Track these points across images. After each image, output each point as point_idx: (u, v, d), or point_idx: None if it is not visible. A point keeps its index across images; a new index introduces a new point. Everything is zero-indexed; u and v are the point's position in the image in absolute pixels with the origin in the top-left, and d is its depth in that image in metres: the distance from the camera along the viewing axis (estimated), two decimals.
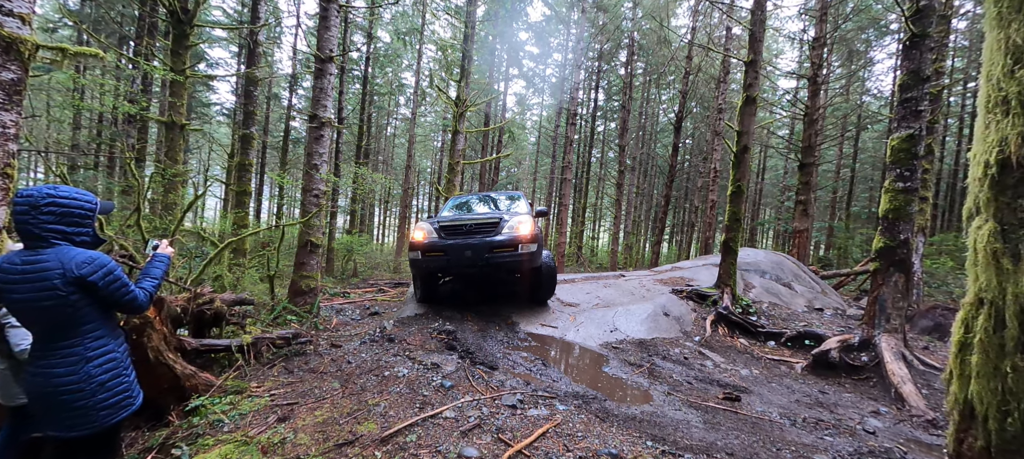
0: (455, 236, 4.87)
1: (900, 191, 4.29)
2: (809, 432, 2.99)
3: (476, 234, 4.87)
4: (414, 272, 5.36)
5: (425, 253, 4.86)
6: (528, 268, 5.05)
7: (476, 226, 4.93)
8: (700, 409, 3.21)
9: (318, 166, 6.06)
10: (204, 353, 3.48)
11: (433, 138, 35.67)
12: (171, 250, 2.06)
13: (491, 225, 4.93)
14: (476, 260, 4.74)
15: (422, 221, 5.30)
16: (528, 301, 5.70)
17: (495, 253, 4.72)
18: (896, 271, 4.30)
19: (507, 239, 4.77)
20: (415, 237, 5.02)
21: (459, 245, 4.75)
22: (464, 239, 4.81)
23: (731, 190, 5.58)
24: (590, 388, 3.42)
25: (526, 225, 4.91)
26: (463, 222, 4.99)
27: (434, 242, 4.86)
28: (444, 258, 4.82)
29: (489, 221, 4.97)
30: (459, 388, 3.15)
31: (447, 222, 5.03)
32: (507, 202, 6.30)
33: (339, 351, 4.13)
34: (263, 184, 20.28)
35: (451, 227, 4.95)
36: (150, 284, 1.86)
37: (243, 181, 9.74)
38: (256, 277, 8.56)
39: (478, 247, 4.73)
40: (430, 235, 4.95)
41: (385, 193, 32.28)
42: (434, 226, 5.01)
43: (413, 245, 4.97)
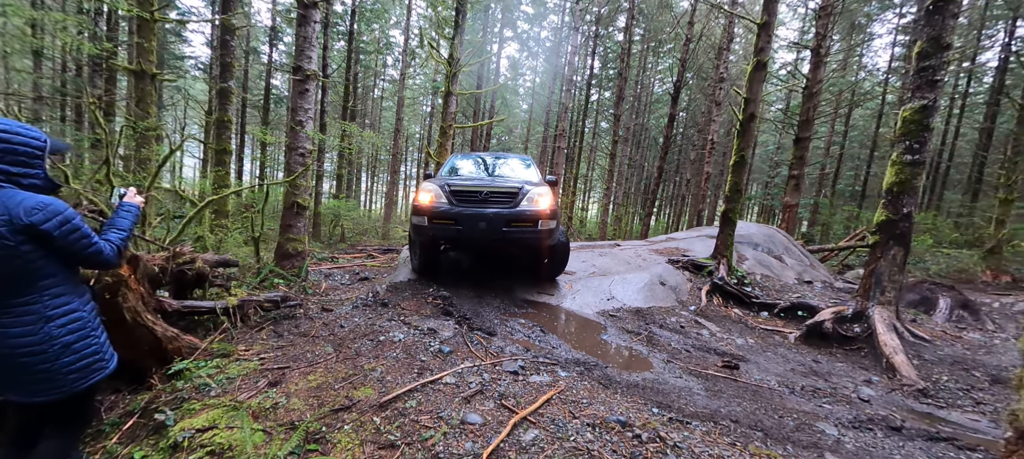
0: (468, 203, 4.29)
1: (908, 164, 4.22)
2: (808, 400, 3.00)
3: (492, 203, 4.30)
4: (415, 238, 4.80)
5: (433, 220, 4.28)
6: (544, 245, 4.61)
7: (492, 194, 4.33)
8: (700, 377, 3.19)
9: (303, 122, 5.71)
10: (187, 315, 3.29)
11: (422, 103, 34.61)
12: (140, 199, 1.84)
13: (509, 195, 4.34)
14: (491, 234, 4.20)
15: (430, 182, 4.69)
16: (536, 278, 5.28)
17: (513, 228, 4.21)
18: (896, 245, 4.29)
19: (526, 213, 4.25)
20: (421, 200, 4.40)
21: (473, 215, 4.20)
22: (478, 208, 4.24)
23: (734, 160, 5.46)
24: (590, 355, 3.37)
25: (546, 199, 4.40)
26: (478, 188, 4.37)
27: (444, 208, 4.27)
28: (454, 228, 4.25)
29: (507, 190, 4.37)
30: (458, 354, 3.05)
31: (459, 185, 4.41)
32: (520, 167, 5.68)
33: (331, 315, 3.99)
34: (244, 144, 19.50)
35: (464, 192, 4.34)
36: (117, 237, 1.65)
37: (223, 139, 9.24)
38: (240, 239, 8.27)
39: (494, 219, 4.19)
40: (439, 199, 4.34)
41: (372, 158, 31.48)
42: (444, 189, 4.38)
43: (418, 208, 4.37)
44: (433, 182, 4.63)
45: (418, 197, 4.49)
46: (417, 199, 4.49)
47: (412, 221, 4.52)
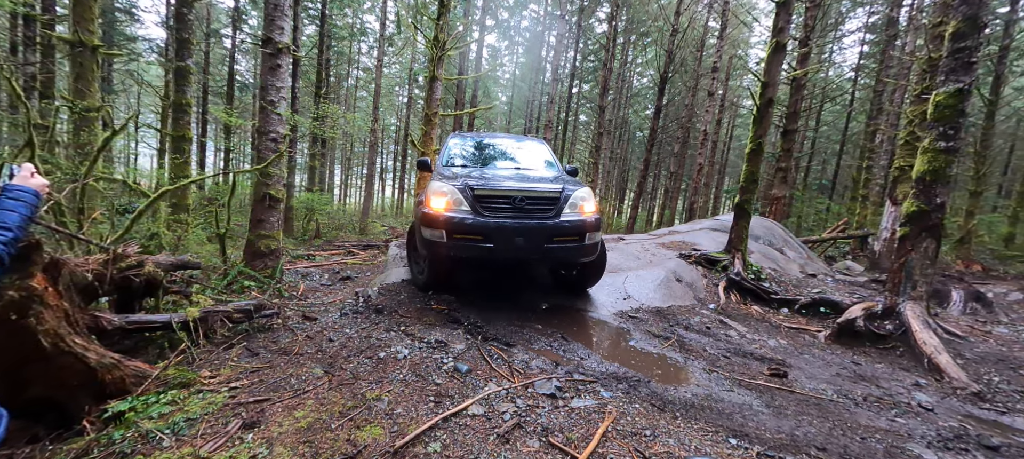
0: (499, 211, 3.31)
1: (942, 151, 3.98)
2: (876, 413, 2.67)
3: (529, 212, 3.34)
4: (424, 253, 3.66)
5: (454, 235, 3.24)
6: (587, 261, 3.79)
7: (529, 200, 3.37)
8: (752, 389, 2.81)
9: (275, 102, 5.00)
10: (133, 333, 2.63)
11: (398, 93, 33.42)
12: (39, 182, 1.24)
13: (549, 201, 3.43)
14: (531, 252, 3.33)
15: (442, 180, 3.58)
16: (567, 291, 4.47)
17: (556, 243, 3.35)
18: (928, 237, 4.06)
19: (572, 224, 3.41)
20: (434, 206, 3.36)
21: (508, 228, 3.25)
22: (514, 219, 3.30)
23: (750, 147, 5.15)
24: (625, 367, 2.93)
25: (591, 203, 3.62)
26: (511, 191, 3.37)
27: (469, 220, 3.27)
28: (483, 246, 3.25)
29: (547, 195, 3.44)
30: (478, 373, 2.54)
31: (486, 188, 3.38)
32: (538, 154, 4.74)
33: (315, 325, 3.38)
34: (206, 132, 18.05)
35: (493, 197, 3.34)
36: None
37: (181, 124, 8.27)
38: (203, 237, 7.41)
39: (535, 233, 3.29)
40: (460, 206, 3.33)
41: (346, 150, 30.16)
42: (465, 192, 3.36)
43: (431, 219, 3.32)
44: (445, 180, 3.54)
45: (430, 202, 3.40)
46: (429, 205, 3.39)
47: (423, 234, 3.44)
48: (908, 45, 15.43)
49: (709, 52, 21.74)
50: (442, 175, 3.83)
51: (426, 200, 3.50)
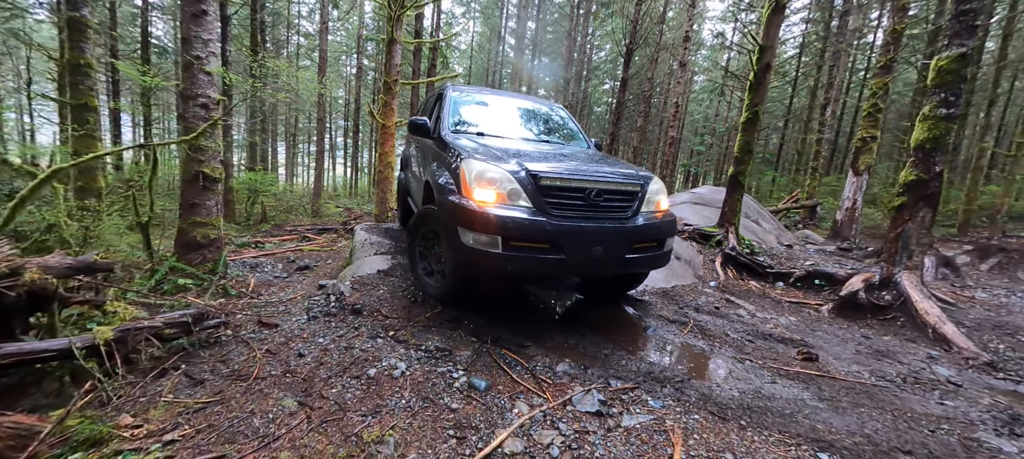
0: (571, 210, 2.50)
1: (942, 118, 3.91)
2: (920, 396, 2.50)
3: (605, 211, 2.59)
4: (460, 264, 2.68)
5: (513, 242, 2.36)
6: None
7: (607, 193, 2.59)
8: (794, 379, 2.56)
9: (203, 58, 4.05)
10: (11, 368, 1.87)
11: (345, 63, 31.00)
12: None
13: (628, 195, 2.68)
14: (610, 265, 2.61)
15: (482, 161, 2.57)
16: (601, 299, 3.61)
17: (637, 253, 2.66)
18: (925, 206, 4.03)
19: (654, 226, 2.74)
20: (480, 197, 2.44)
21: (585, 233, 2.47)
22: (589, 221, 2.52)
23: (745, 116, 4.93)
24: (655, 362, 2.57)
25: (665, 198, 2.95)
26: (586, 182, 2.54)
27: (535, 221, 2.38)
28: (551, 258, 2.41)
29: (627, 188, 2.68)
30: (499, 388, 2.06)
31: (555, 176, 2.52)
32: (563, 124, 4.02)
33: (277, 334, 2.72)
34: (120, 104, 15.59)
35: (564, 188, 2.50)
36: None
37: (81, 90, 6.80)
38: (121, 226, 6.22)
39: (615, 239, 2.55)
40: (516, 200, 2.45)
41: (290, 126, 27.68)
42: (523, 180, 2.47)
43: (476, 217, 2.36)
44: (493, 163, 2.54)
45: (470, 190, 2.46)
46: (469, 194, 2.46)
47: (458, 238, 2.43)
48: (852, 22, 16.18)
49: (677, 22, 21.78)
50: (466, 149, 2.75)
51: (463, 185, 2.48)
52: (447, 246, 2.64)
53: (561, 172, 2.59)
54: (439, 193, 2.69)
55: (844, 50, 15.24)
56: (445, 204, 2.58)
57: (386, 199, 8.48)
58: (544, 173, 2.52)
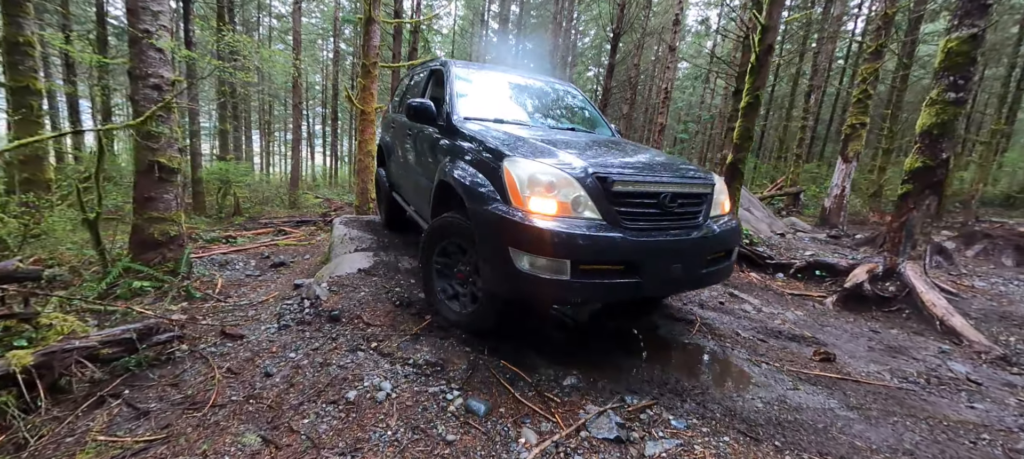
0: (645, 221, 2.06)
1: (950, 103, 3.76)
2: (948, 398, 2.35)
3: (678, 219, 2.18)
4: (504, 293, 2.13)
5: (584, 266, 1.90)
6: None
7: (681, 196, 2.17)
8: (816, 384, 2.37)
9: (152, 32, 3.57)
10: None
11: (321, 47, 29.79)
12: None
13: (699, 198, 2.29)
14: (685, 284, 2.37)
15: (534, 160, 2.06)
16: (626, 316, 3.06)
17: (711, 267, 2.30)
18: (931, 194, 3.91)
19: (728, 233, 2.38)
20: (537, 208, 1.93)
21: (663, 247, 2.05)
22: (667, 233, 2.10)
23: (746, 101, 4.72)
24: (668, 369, 2.34)
25: (727, 198, 2.59)
26: (661, 185, 2.12)
27: (607, 239, 1.92)
28: (627, 282, 1.97)
29: (698, 189, 2.27)
30: (501, 411, 1.79)
31: (629, 178, 2.06)
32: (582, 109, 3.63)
33: (242, 348, 2.38)
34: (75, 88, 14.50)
35: (639, 194, 2.06)
36: None
37: (21, 71, 6.12)
38: (77, 222, 5.67)
39: (693, 251, 2.17)
40: (582, 210, 1.96)
41: (264, 112, 26.51)
42: (591, 185, 1.99)
43: (537, 237, 1.86)
44: (536, 158, 2.07)
45: (526, 199, 1.93)
46: (523, 204, 1.93)
47: (518, 267, 1.89)
48: (835, 9, 16.24)
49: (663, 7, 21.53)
50: (502, 143, 2.21)
51: (512, 191, 1.94)
52: (490, 271, 2.04)
53: (633, 174, 2.08)
54: (472, 200, 2.08)
55: (830, 38, 15.30)
56: (485, 217, 1.99)
57: (367, 189, 8.05)
58: (615, 175, 2.00)
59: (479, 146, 2.31)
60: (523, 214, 1.90)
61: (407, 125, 3.61)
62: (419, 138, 3.25)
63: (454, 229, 2.38)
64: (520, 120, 3.08)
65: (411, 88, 4.16)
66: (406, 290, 3.09)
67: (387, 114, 4.87)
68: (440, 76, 3.35)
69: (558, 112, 3.51)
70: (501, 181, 2.02)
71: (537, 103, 3.47)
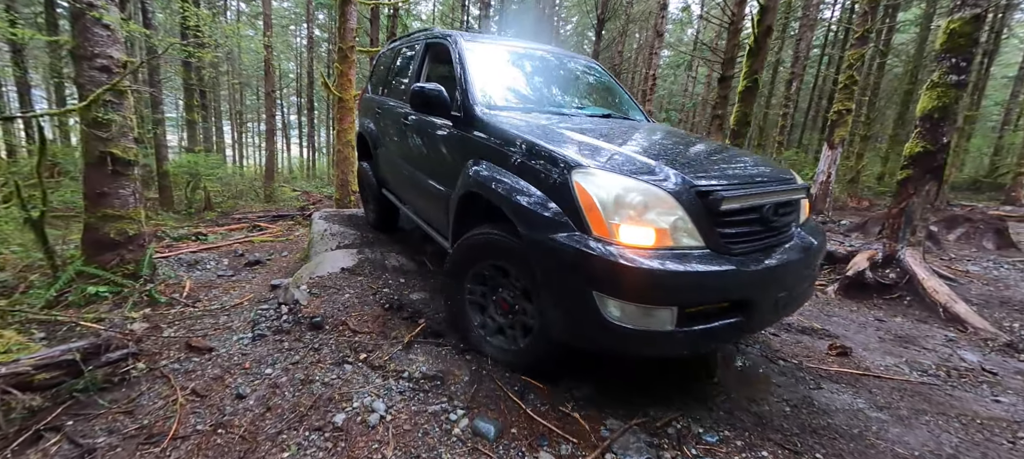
0: (747, 241, 1.66)
1: (952, 86, 3.69)
2: (970, 391, 2.26)
3: (778, 233, 1.81)
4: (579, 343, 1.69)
5: (691, 310, 1.52)
6: None
7: (782, 206, 1.80)
8: (838, 381, 2.24)
9: (97, 6, 3.15)
10: None
11: (294, 33, 28.56)
12: None
13: (794, 206, 1.93)
14: (783, 311, 1.94)
15: (617, 173, 1.59)
16: None
17: (806, 283, 1.96)
18: (931, 179, 3.86)
19: (823, 243, 2.06)
20: (630, 239, 1.49)
21: (773, 273, 1.66)
22: (772, 254, 1.71)
23: (743, 84, 4.58)
24: (689, 372, 2.17)
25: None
26: (763, 195, 1.71)
27: (718, 273, 1.50)
28: (736, 322, 1.60)
29: (795, 195, 1.89)
30: (514, 432, 1.58)
31: (728, 191, 1.59)
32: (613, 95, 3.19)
33: (210, 363, 2.09)
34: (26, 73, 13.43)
35: (741, 211, 1.64)
36: None
37: None
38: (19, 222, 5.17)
39: (798, 271, 1.81)
40: (680, 238, 1.53)
41: (236, 102, 25.33)
42: (689, 200, 1.54)
43: (634, 279, 1.43)
44: (618, 169, 1.62)
45: (613, 230, 1.50)
46: (612, 237, 1.50)
47: (607, 316, 1.49)
48: None
49: None
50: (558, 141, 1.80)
51: (592, 216, 1.51)
52: (563, 318, 1.62)
53: (739, 185, 1.67)
54: (530, 226, 1.63)
55: (809, 25, 15.43)
56: (554, 251, 1.54)
57: (347, 181, 7.67)
58: (721, 188, 1.57)
59: (524, 148, 1.81)
60: (613, 249, 1.44)
61: (402, 114, 3.08)
62: (425, 131, 2.68)
63: (495, 250, 1.91)
64: (553, 107, 2.61)
65: (397, 67, 3.64)
66: (395, 290, 2.83)
67: (366, 97, 4.38)
68: (441, 52, 2.88)
69: (588, 94, 3.06)
70: (572, 201, 1.54)
71: (564, 84, 3.00)
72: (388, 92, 3.71)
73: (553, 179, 1.64)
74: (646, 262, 1.42)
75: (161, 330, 2.81)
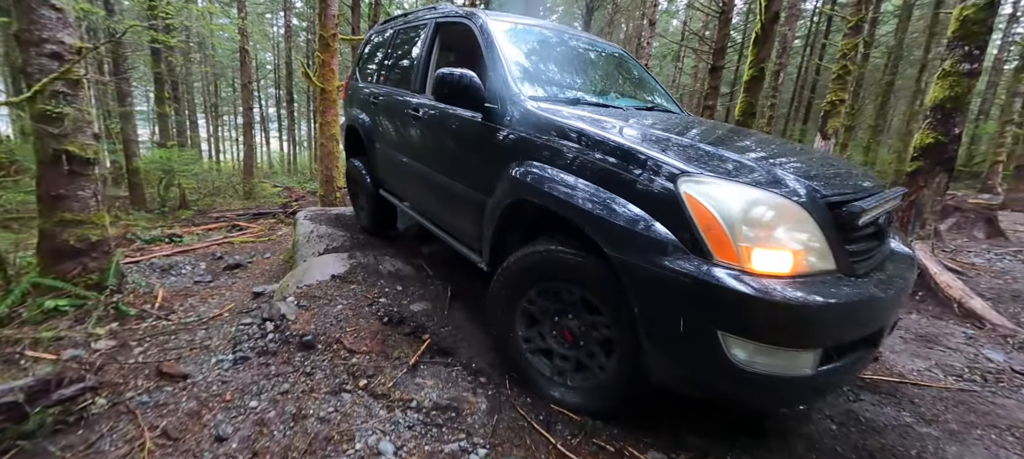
0: (868, 259, 1.45)
1: (965, 75, 3.59)
2: (1012, 397, 2.15)
3: (882, 246, 1.60)
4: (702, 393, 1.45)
5: (833, 345, 1.30)
6: None
7: (887, 215, 1.67)
8: (873, 391, 2.10)
9: None
10: None
11: (270, 22, 27.50)
12: None
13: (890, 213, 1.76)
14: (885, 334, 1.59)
15: (740, 182, 1.31)
16: None
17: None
18: (942, 171, 3.77)
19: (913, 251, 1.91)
20: (763, 265, 1.23)
21: (899, 294, 1.46)
22: (887, 271, 1.51)
23: (749, 74, 4.43)
24: None
25: None
26: (883, 204, 1.46)
27: (860, 300, 1.27)
28: (861, 353, 1.41)
29: (892, 189, 1.75)
30: None
31: (860, 202, 1.36)
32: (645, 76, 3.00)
33: (184, 394, 1.82)
34: None
35: (871, 222, 1.43)
36: None
37: None
38: None
39: (906, 287, 1.56)
40: (813, 260, 1.28)
41: (210, 94, 24.28)
42: (821, 216, 1.29)
43: (771, 314, 1.18)
44: (735, 177, 1.33)
45: (744, 255, 1.22)
46: (743, 263, 1.22)
47: (733, 360, 1.23)
48: None
49: None
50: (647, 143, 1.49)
51: (715, 236, 1.25)
52: (669, 361, 1.37)
53: (863, 194, 1.44)
54: (621, 247, 1.35)
55: (794, 15, 15.49)
56: (661, 278, 1.27)
57: (333, 177, 7.30)
58: (854, 199, 1.36)
59: (597, 148, 1.51)
60: (748, 279, 1.17)
61: (410, 104, 2.71)
62: (447, 125, 2.32)
63: (561, 271, 1.59)
64: (595, 98, 2.32)
65: (397, 51, 3.28)
66: (393, 300, 2.58)
67: (355, 86, 4.01)
68: (458, 34, 2.56)
69: (625, 84, 2.76)
70: (682, 216, 1.27)
71: (602, 71, 2.70)
72: (386, 79, 3.37)
73: (649, 188, 1.34)
74: (792, 294, 1.15)
75: (130, 348, 2.52)
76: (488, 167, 1.93)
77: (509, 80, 2.00)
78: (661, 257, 1.27)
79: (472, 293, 2.75)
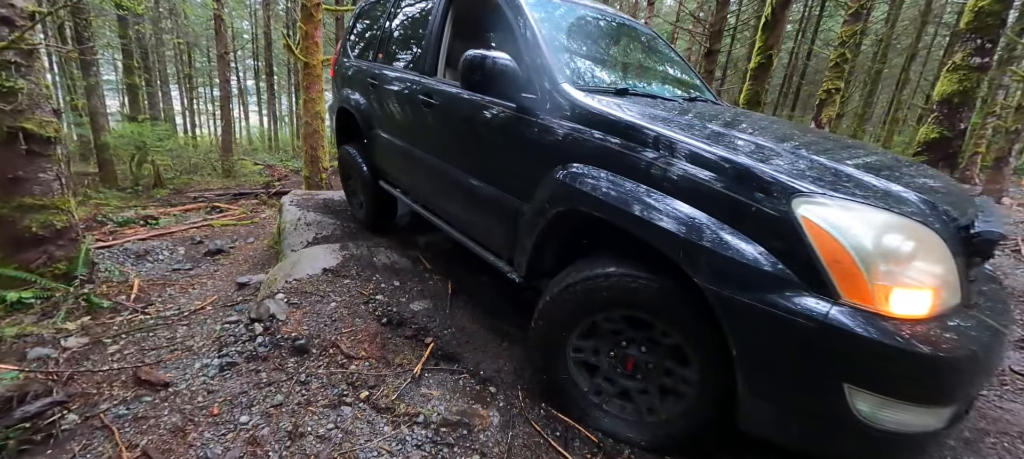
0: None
1: (975, 68, 3.54)
2: (1017, 402, 2.15)
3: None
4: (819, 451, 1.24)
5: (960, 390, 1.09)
6: None
7: None
8: None
9: None
10: None
11: None
12: None
13: None
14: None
15: (872, 206, 1.08)
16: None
17: None
18: (945, 166, 3.76)
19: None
20: (902, 307, 1.03)
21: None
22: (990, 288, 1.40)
23: (757, 61, 4.31)
24: None
25: None
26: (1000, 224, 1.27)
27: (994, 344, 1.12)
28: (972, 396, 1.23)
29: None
30: None
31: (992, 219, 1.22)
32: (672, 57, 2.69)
33: (166, 406, 1.66)
34: None
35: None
36: None
37: None
38: None
39: None
40: (945, 296, 1.08)
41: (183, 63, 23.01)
42: (953, 240, 1.10)
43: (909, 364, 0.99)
44: (863, 199, 1.10)
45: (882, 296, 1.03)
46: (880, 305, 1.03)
47: (859, 416, 1.05)
48: None
49: None
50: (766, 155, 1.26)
51: (844, 273, 1.04)
52: (775, 412, 1.18)
53: (988, 217, 1.24)
54: (721, 279, 1.14)
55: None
56: (775, 320, 1.07)
57: (318, 158, 6.99)
58: (986, 225, 1.16)
59: (675, 153, 1.30)
60: (889, 325, 1.00)
61: (421, 89, 2.39)
62: (471, 115, 2.01)
63: (629, 298, 1.38)
64: (645, 88, 2.09)
65: (399, 27, 2.95)
66: (391, 298, 2.44)
67: (346, 63, 3.52)
68: (476, 8, 2.31)
69: (665, 69, 2.49)
70: (802, 245, 1.07)
71: (641, 56, 2.43)
72: (385, 58, 3.05)
73: (753, 207, 1.12)
74: (943, 344, 0.97)
75: (104, 346, 2.33)
76: (524, 167, 1.71)
77: (550, 65, 1.72)
78: (775, 295, 1.07)
79: (474, 290, 2.62)
